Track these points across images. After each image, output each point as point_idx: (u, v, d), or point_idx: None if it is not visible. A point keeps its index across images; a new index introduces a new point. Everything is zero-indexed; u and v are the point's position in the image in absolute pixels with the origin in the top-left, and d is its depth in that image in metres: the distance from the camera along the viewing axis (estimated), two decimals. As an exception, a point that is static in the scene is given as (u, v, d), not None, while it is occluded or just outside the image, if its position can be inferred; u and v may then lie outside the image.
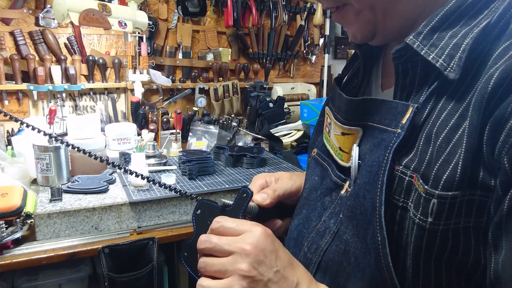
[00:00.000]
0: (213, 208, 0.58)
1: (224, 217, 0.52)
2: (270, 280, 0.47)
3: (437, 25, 0.47)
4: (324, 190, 0.61)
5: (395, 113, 0.48)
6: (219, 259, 0.49)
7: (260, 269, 0.47)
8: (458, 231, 0.43)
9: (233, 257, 0.47)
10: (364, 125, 0.53)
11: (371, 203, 0.47)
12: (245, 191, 0.56)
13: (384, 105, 0.50)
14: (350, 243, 0.51)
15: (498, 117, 0.39)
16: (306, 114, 2.09)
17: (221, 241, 0.49)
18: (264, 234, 0.49)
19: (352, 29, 0.55)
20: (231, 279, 0.47)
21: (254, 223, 0.51)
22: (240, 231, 0.50)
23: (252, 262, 0.47)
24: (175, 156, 1.77)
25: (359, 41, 0.55)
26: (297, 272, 0.50)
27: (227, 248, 0.48)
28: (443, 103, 0.45)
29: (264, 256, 0.48)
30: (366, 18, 0.51)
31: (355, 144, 0.53)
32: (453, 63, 0.44)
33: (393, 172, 0.47)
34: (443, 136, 0.44)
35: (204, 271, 0.50)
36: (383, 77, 0.61)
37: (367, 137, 0.52)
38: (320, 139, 0.68)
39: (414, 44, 0.47)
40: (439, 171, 0.42)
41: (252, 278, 0.46)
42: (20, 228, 1.12)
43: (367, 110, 0.52)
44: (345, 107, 0.56)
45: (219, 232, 0.51)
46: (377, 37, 0.53)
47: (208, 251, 0.50)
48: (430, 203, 0.43)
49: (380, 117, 0.50)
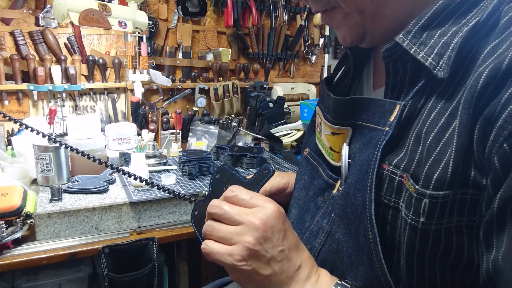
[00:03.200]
0: (232, 177, 0.57)
1: (239, 187, 0.51)
2: (273, 258, 0.47)
3: (426, 24, 0.46)
4: (316, 190, 0.61)
5: (383, 111, 0.48)
6: (226, 227, 0.48)
7: (265, 245, 0.46)
8: (451, 230, 0.43)
9: (241, 228, 0.47)
10: (353, 124, 0.53)
11: (361, 202, 0.47)
12: (268, 168, 0.55)
13: (372, 103, 0.50)
14: (342, 242, 0.51)
15: (488, 116, 0.39)
16: (306, 114, 2.09)
17: (232, 210, 0.49)
18: (276, 212, 0.48)
19: (341, 32, 0.54)
20: (235, 247, 0.46)
21: (269, 199, 0.50)
22: (252, 204, 0.49)
23: (258, 237, 0.46)
24: (175, 156, 1.77)
25: (348, 44, 0.55)
26: (301, 256, 0.50)
27: (236, 218, 0.48)
28: (433, 102, 0.45)
29: (271, 234, 0.47)
30: (355, 21, 0.51)
31: (345, 143, 0.53)
32: (442, 62, 0.44)
33: (383, 172, 0.47)
34: (433, 135, 0.44)
35: (209, 234, 0.49)
36: (375, 77, 0.61)
37: (357, 136, 0.52)
38: (312, 138, 0.68)
39: (403, 43, 0.47)
40: (430, 170, 0.42)
41: (256, 252, 0.46)
42: (20, 228, 1.12)
43: (356, 109, 0.52)
44: (334, 106, 0.56)
45: (232, 201, 0.50)
46: (367, 39, 0.53)
47: (217, 217, 0.50)
48: (422, 203, 0.43)
49: (368, 116, 0.50)
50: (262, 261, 0.46)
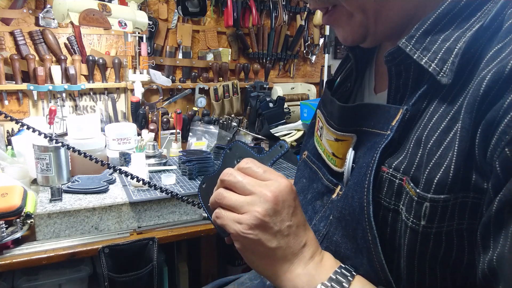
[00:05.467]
0: (245, 151, 0.58)
1: (254, 160, 0.51)
2: (280, 231, 0.47)
3: (429, 29, 0.46)
4: (315, 194, 0.61)
5: (388, 117, 0.48)
6: (237, 195, 0.48)
7: (274, 217, 0.46)
8: (452, 234, 0.43)
9: (252, 198, 0.47)
10: (358, 130, 0.53)
11: (359, 203, 0.47)
12: (283, 144, 0.55)
13: (379, 109, 0.50)
14: (340, 244, 0.51)
15: (490, 120, 0.39)
16: (306, 114, 2.09)
17: (245, 179, 0.48)
18: (289, 187, 0.48)
19: (343, 32, 0.54)
20: (244, 215, 0.46)
21: (281, 175, 0.50)
22: (266, 177, 0.49)
23: (268, 209, 0.46)
24: (175, 156, 1.77)
25: (349, 43, 0.55)
26: (307, 234, 0.49)
27: (249, 188, 0.48)
28: (435, 106, 0.45)
29: (282, 207, 0.47)
30: (358, 20, 0.51)
31: (351, 148, 0.53)
32: (445, 68, 0.44)
33: (383, 175, 0.47)
34: (434, 139, 0.43)
35: (219, 201, 0.49)
36: (376, 80, 0.60)
37: (362, 142, 0.52)
38: (311, 141, 0.68)
39: (406, 48, 0.46)
40: (431, 174, 0.42)
41: (264, 223, 0.46)
42: (20, 228, 1.12)
43: (362, 116, 0.52)
44: (339, 113, 0.55)
45: (246, 172, 0.50)
46: (368, 39, 0.53)
47: (229, 185, 0.49)
48: (423, 207, 0.42)
49: (374, 122, 0.50)
50: (269, 232, 0.46)
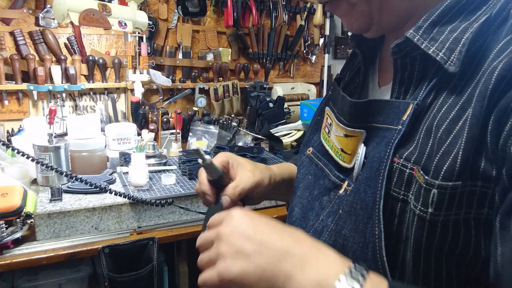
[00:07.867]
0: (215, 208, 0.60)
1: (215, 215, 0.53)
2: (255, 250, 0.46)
3: (437, 20, 0.48)
4: (322, 189, 0.61)
5: (397, 112, 0.49)
6: (207, 251, 0.50)
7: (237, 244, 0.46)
8: (459, 223, 0.43)
9: (215, 244, 0.48)
10: (368, 126, 0.53)
11: (372, 198, 0.48)
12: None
13: (388, 105, 0.51)
14: (348, 237, 0.52)
15: (503, 107, 0.40)
16: (306, 114, 2.09)
17: (206, 233, 0.51)
18: (239, 214, 0.49)
19: (348, 20, 0.55)
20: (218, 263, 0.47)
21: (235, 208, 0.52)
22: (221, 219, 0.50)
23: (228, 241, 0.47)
24: (175, 156, 1.77)
25: (355, 31, 0.56)
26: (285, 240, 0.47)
27: (210, 238, 0.50)
28: (444, 97, 0.46)
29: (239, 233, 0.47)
30: (362, 10, 0.52)
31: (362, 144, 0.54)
32: (453, 57, 0.45)
33: (393, 165, 0.48)
34: (443, 128, 0.44)
35: (201, 267, 0.50)
36: (380, 74, 0.61)
37: (372, 137, 0.53)
38: (316, 138, 0.68)
39: (414, 38, 0.48)
40: (440, 162, 0.43)
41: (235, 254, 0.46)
42: (20, 228, 1.12)
43: (372, 112, 0.53)
44: (350, 109, 0.56)
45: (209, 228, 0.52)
46: (372, 29, 0.54)
47: (201, 248, 0.51)
48: (431, 193, 0.43)
49: (384, 118, 0.51)
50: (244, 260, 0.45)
